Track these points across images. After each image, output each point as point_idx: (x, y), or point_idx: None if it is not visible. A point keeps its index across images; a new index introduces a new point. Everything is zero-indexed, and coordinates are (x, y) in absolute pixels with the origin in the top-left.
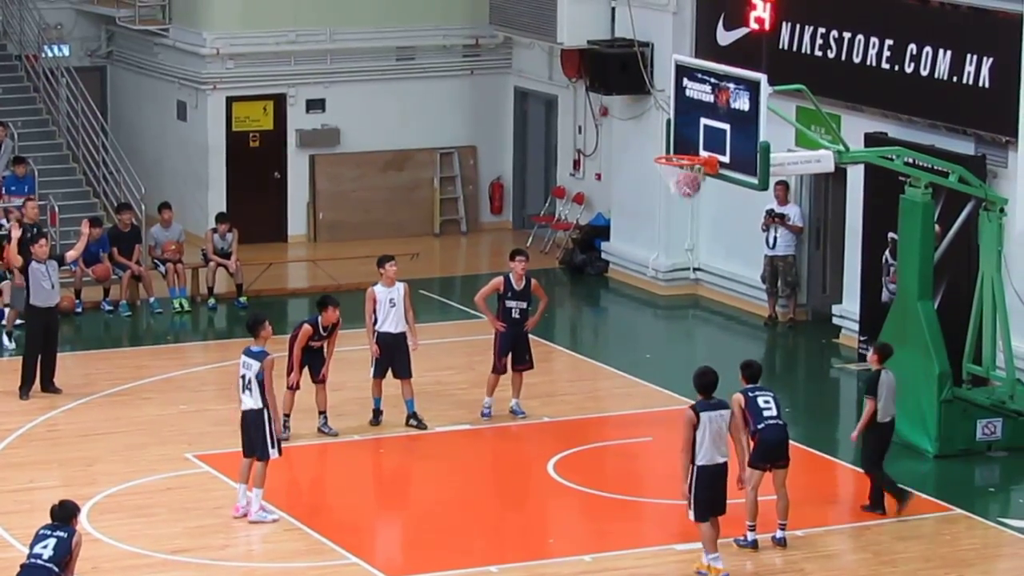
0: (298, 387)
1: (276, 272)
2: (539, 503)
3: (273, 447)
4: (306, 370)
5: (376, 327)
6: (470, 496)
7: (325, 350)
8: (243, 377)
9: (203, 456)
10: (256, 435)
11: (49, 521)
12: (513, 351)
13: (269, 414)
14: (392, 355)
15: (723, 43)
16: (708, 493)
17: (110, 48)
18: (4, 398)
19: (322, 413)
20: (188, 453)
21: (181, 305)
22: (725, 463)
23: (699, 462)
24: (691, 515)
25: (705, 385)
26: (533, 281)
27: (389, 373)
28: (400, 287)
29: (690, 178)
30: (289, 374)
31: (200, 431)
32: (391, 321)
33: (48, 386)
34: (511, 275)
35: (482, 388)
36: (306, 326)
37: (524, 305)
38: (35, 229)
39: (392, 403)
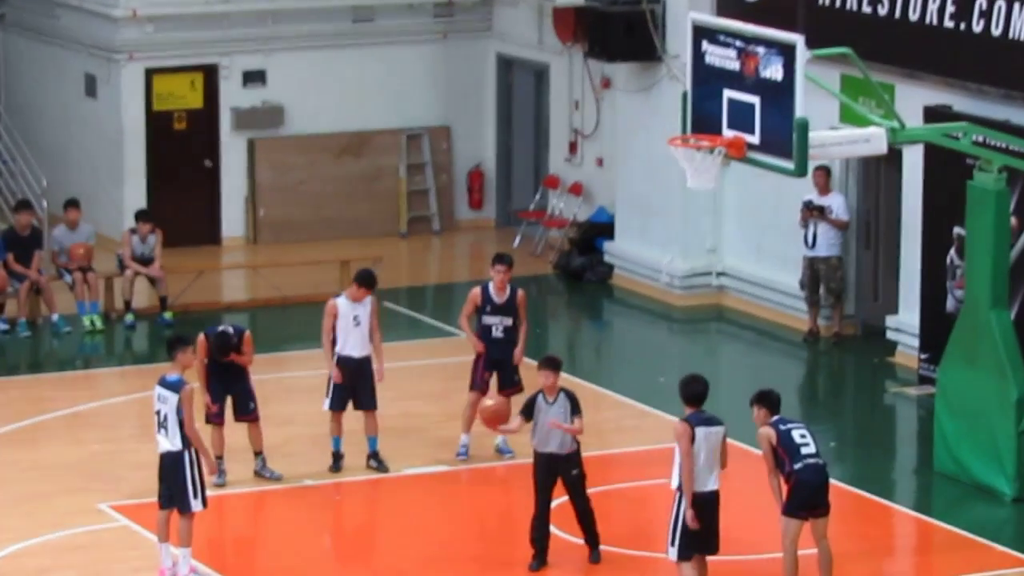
0: (221, 420)
1: (208, 282)
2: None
3: (196, 497)
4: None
5: (336, 349)
6: (446, 552)
7: (247, 374)
8: (158, 413)
9: (120, 507)
10: (175, 483)
11: None
12: (498, 373)
13: (191, 457)
14: (354, 383)
15: None
16: (696, 525)
17: (1, 11)
18: None
19: (258, 454)
20: (102, 503)
21: (92, 323)
22: (717, 491)
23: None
24: (672, 553)
25: (695, 395)
26: (519, 292)
27: (350, 406)
28: (368, 302)
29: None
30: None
31: (117, 476)
32: (354, 342)
33: None
34: (491, 284)
35: (460, 420)
36: (200, 337)
37: (509, 322)
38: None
39: (351, 440)
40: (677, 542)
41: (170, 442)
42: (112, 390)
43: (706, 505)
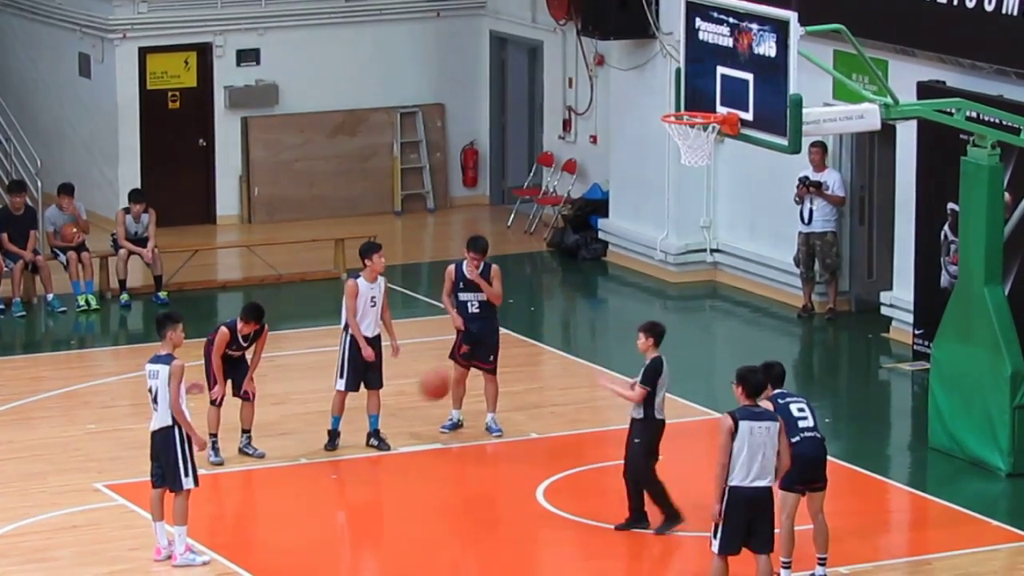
0: (222, 402)
1: (203, 261)
2: (526, 537)
3: (187, 475)
4: (229, 384)
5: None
6: (442, 530)
7: (248, 359)
8: (150, 390)
9: (115, 486)
10: (166, 460)
11: None
12: (476, 348)
13: (181, 434)
14: (367, 363)
15: None
16: (737, 521)
17: None
18: None
19: (246, 432)
20: (97, 483)
21: (87, 302)
22: (769, 489)
23: (732, 481)
24: (713, 545)
25: (752, 387)
26: (493, 267)
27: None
28: (381, 282)
29: None
30: (211, 387)
31: (112, 456)
32: (369, 322)
33: None
34: (464, 263)
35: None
36: (223, 329)
37: (483, 296)
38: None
39: (346, 419)
40: (718, 536)
41: (161, 419)
42: (107, 369)
43: (751, 501)
